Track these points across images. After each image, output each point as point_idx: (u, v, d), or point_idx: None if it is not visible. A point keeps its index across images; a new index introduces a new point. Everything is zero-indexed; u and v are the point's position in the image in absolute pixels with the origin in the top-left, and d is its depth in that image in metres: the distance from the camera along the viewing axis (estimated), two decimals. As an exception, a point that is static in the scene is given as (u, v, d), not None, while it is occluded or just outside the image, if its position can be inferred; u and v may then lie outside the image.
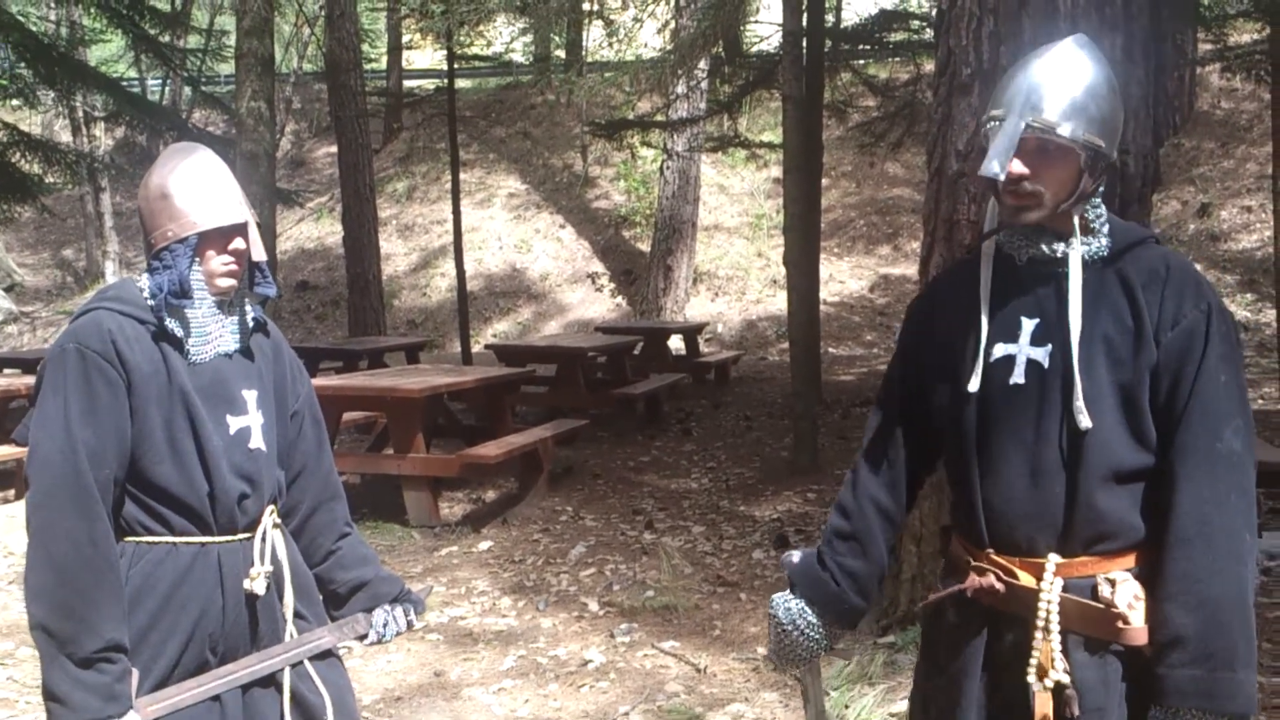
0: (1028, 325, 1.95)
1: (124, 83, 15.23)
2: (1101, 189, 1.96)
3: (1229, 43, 12.28)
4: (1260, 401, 10.05)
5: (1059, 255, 1.93)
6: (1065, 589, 1.88)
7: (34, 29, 12.13)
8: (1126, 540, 1.88)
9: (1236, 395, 1.84)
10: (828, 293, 15.59)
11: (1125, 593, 1.84)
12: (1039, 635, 1.87)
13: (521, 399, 10.17)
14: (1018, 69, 1.95)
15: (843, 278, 17.15)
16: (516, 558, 6.31)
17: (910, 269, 16.34)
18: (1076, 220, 1.92)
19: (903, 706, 4.04)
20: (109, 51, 20.92)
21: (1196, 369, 1.83)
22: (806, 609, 2.19)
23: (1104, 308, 1.89)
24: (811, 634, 2.19)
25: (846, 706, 4.03)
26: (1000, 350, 1.97)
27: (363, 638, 2.48)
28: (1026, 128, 1.87)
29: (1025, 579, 1.91)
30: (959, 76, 4.40)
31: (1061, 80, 1.88)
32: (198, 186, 2.19)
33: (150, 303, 2.17)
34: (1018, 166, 1.88)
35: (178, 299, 2.17)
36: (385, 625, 2.48)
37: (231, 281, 2.25)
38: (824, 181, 12.55)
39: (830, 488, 7.56)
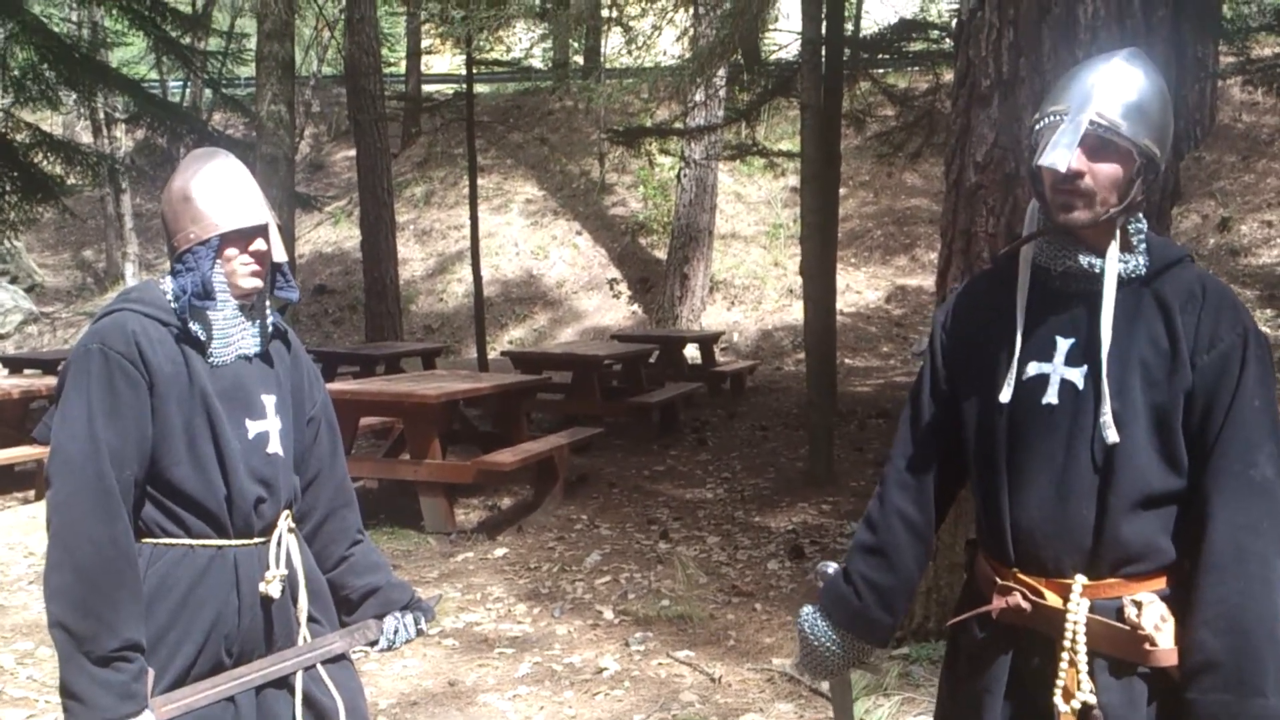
0: (1063, 345, 1.92)
1: (145, 84, 15.30)
2: (1144, 203, 1.92)
3: (1251, 56, 12.25)
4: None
5: (1096, 271, 1.89)
6: (1092, 610, 1.86)
7: (56, 30, 12.19)
8: (1155, 563, 1.86)
9: (1270, 420, 1.82)
10: (844, 303, 15.55)
11: (1151, 614, 1.83)
12: (1065, 656, 1.86)
13: (537, 406, 10.18)
14: (1078, 71, 1.92)
15: (859, 288, 17.10)
16: (532, 564, 6.31)
17: (927, 280, 16.29)
18: (1118, 232, 1.89)
19: (916, 719, 4.03)
20: (130, 54, 21.01)
21: (1233, 394, 1.81)
22: (829, 625, 2.19)
23: (1140, 328, 1.87)
24: (834, 649, 2.18)
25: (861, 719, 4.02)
26: (1034, 369, 1.94)
27: (374, 644, 2.50)
28: (1091, 124, 1.83)
29: (1052, 599, 1.89)
30: (978, 87, 4.40)
31: (1121, 84, 1.86)
32: (219, 189, 2.22)
33: (173, 305, 2.20)
34: (1078, 162, 1.84)
35: (201, 301, 2.19)
36: (396, 632, 2.51)
37: (256, 282, 2.26)
38: (841, 191, 12.51)
39: (845, 499, 7.55)
